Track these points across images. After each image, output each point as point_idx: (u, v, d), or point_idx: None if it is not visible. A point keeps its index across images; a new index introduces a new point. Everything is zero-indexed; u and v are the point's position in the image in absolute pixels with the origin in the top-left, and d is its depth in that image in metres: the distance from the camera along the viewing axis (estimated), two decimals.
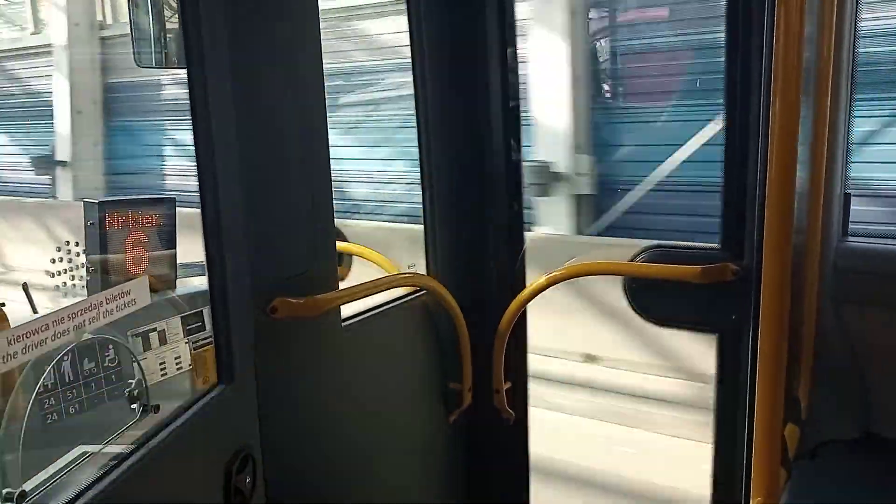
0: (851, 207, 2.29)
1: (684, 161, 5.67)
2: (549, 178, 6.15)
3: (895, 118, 4.93)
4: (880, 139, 4.91)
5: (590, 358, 5.02)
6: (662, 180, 5.86)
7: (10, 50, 10.76)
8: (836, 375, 2.23)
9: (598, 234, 6.17)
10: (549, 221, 6.25)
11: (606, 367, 4.90)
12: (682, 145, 5.66)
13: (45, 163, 9.94)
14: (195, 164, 1.48)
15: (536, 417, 2.59)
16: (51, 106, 9.87)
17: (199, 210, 1.47)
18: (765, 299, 1.56)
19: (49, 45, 9.93)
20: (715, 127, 5.26)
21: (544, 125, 6.20)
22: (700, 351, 3.98)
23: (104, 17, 9.88)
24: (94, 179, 9.53)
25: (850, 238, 2.28)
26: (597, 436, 4.33)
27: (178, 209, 1.96)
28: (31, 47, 10.44)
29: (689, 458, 3.49)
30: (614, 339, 4.75)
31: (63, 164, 9.72)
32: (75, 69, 9.57)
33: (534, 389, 2.56)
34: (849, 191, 2.29)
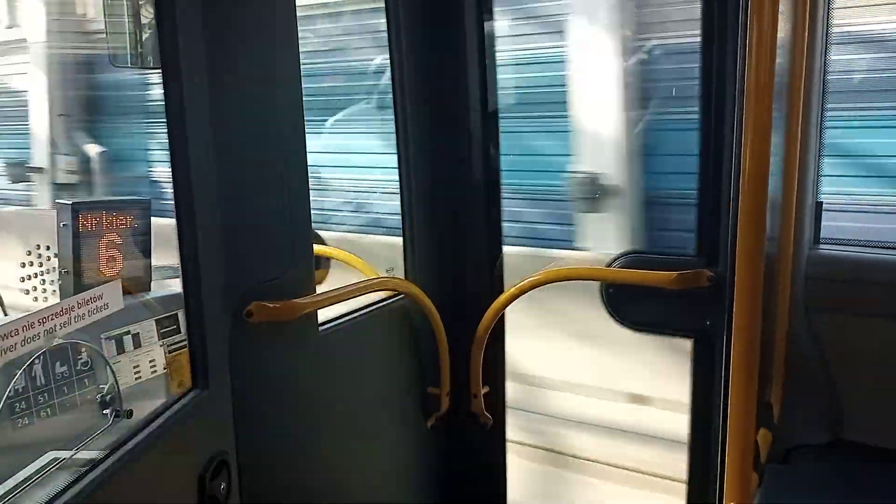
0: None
1: None
2: (597, 192, 5.22)
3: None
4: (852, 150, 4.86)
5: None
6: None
7: None
8: (808, 381, 2.26)
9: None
10: (599, 240, 5.26)
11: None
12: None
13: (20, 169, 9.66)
14: (170, 165, 1.47)
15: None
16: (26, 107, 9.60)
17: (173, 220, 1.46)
18: (738, 305, 1.58)
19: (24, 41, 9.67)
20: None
21: (589, 132, 5.24)
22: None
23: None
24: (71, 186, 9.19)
25: (822, 246, 2.31)
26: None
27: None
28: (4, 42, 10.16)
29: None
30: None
31: (39, 170, 9.43)
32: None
33: None
34: (821, 199, 2.33)
